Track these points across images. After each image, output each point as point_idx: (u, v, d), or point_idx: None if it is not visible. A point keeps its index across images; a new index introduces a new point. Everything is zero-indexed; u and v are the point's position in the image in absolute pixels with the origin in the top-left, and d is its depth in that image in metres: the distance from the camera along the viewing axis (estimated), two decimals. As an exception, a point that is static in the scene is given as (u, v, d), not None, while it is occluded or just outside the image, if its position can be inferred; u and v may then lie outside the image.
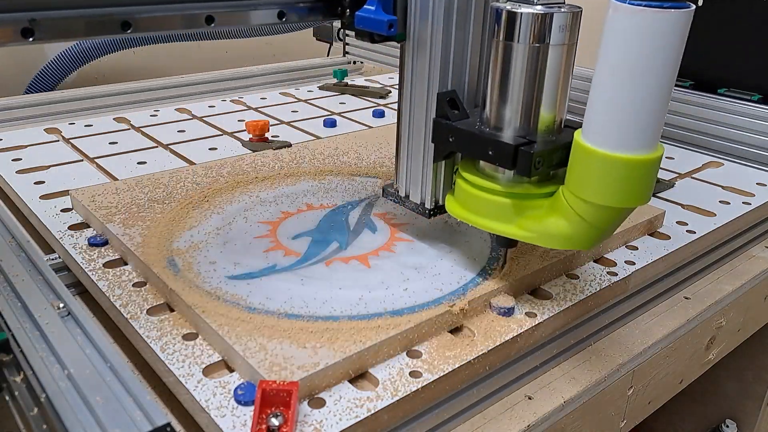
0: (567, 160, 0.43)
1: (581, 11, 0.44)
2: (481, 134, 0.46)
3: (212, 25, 0.50)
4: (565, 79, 0.45)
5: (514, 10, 0.43)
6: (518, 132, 0.45)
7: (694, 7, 0.37)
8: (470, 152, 0.48)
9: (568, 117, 0.47)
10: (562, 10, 0.43)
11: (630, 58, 0.38)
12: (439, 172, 0.53)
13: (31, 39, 0.41)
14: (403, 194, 0.56)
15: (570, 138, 0.43)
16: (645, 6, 0.37)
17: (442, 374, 0.40)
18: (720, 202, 0.69)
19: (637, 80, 0.38)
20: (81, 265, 0.51)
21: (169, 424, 0.33)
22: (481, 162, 0.48)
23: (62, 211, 0.60)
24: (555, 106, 0.45)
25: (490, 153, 0.45)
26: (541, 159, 0.44)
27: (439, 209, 0.54)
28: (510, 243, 0.50)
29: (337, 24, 1.33)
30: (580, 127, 0.42)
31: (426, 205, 0.54)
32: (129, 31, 0.45)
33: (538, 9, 0.42)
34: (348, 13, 0.52)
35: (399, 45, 0.52)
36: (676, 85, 0.91)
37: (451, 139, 0.48)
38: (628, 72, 0.38)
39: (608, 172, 0.40)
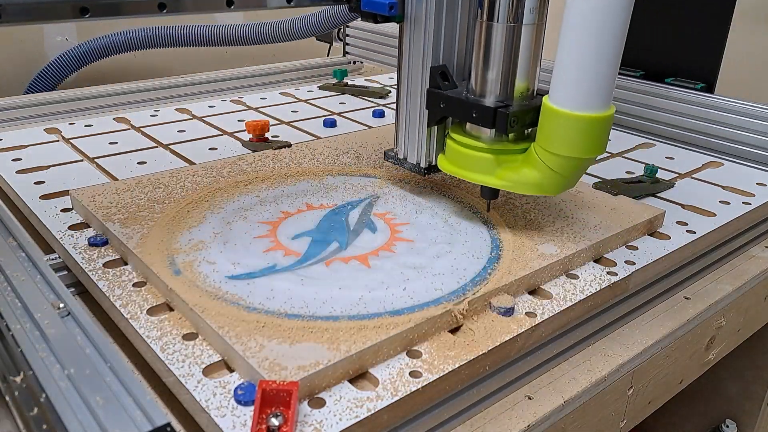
0: (538, 120, 0.51)
1: None
2: (467, 100, 0.56)
3: (232, 7, 0.55)
4: (535, 53, 0.54)
5: None
6: (498, 98, 0.55)
7: None
8: (458, 116, 0.57)
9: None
10: None
11: (585, 29, 0.46)
12: (432, 136, 0.62)
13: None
14: (401, 156, 0.65)
15: (540, 102, 0.51)
16: None
17: (442, 374, 0.40)
18: (720, 202, 0.69)
19: (591, 49, 0.46)
20: (81, 265, 0.51)
21: (169, 424, 0.33)
22: (468, 125, 0.57)
23: (62, 211, 0.60)
24: (527, 76, 0.54)
25: (474, 115, 0.55)
26: (515, 119, 0.53)
27: (432, 168, 0.63)
28: (493, 194, 0.58)
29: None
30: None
31: (421, 165, 0.63)
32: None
33: None
34: (355, -2, 0.60)
35: (398, 33, 0.61)
36: (630, 76, 0.97)
37: (442, 105, 0.58)
38: (584, 42, 0.46)
39: (570, 128, 0.49)
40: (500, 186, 0.55)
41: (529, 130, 0.55)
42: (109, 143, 0.80)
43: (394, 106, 1.01)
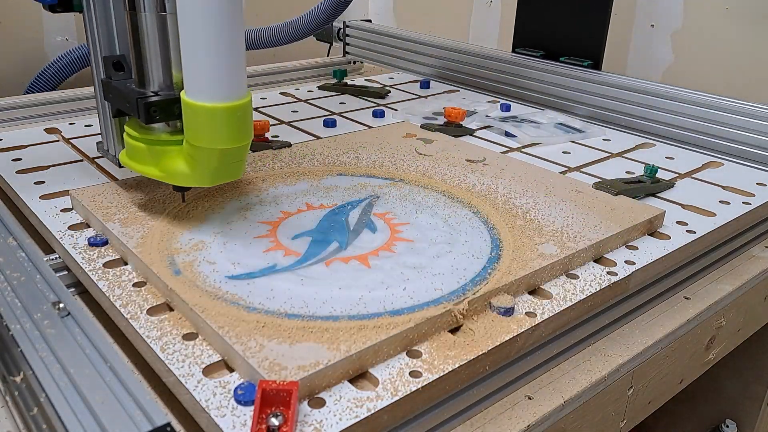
0: None
1: None
2: (123, 90, 0.54)
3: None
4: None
5: None
6: (156, 88, 0.54)
7: None
8: (121, 106, 0.56)
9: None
10: None
11: (191, 20, 0.45)
12: (121, 128, 0.61)
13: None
14: (105, 148, 0.67)
15: None
16: None
17: (442, 374, 0.40)
18: (720, 202, 0.69)
19: (204, 39, 0.45)
20: (81, 265, 0.51)
21: (169, 424, 0.33)
22: None
23: (62, 211, 0.60)
24: (179, 66, 0.51)
25: (128, 105, 0.54)
26: (157, 108, 0.51)
27: None
28: (181, 188, 0.57)
29: (337, 24, 1.33)
30: None
31: (116, 156, 0.64)
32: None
33: None
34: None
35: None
36: (530, 55, 1.08)
37: (110, 96, 0.57)
38: (187, 22, 0.46)
39: (199, 119, 0.48)
40: (159, 177, 0.54)
41: None
42: (109, 143, 0.80)
43: (395, 106, 1.01)
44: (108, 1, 0.58)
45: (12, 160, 0.73)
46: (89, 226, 0.58)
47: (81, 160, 0.74)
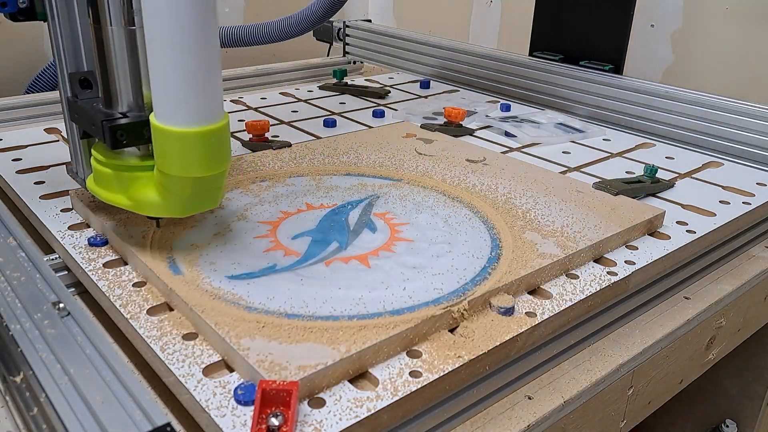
0: None
1: None
2: (89, 110, 0.48)
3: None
4: None
5: None
6: (125, 108, 0.48)
7: None
8: (87, 128, 0.50)
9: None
10: None
11: (153, 20, 0.39)
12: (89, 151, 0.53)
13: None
14: (74, 171, 0.59)
15: None
16: None
17: (442, 374, 0.41)
18: (720, 202, 0.69)
19: (163, 45, 0.39)
20: (81, 265, 0.51)
21: (169, 424, 0.33)
22: None
23: (62, 211, 0.60)
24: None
25: (93, 127, 0.48)
26: (124, 133, 0.46)
27: None
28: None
29: (337, 24, 1.33)
30: None
31: (86, 183, 0.54)
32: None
33: None
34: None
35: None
36: (548, 59, 1.06)
37: (76, 116, 0.51)
38: (154, 37, 0.39)
39: (168, 144, 0.42)
40: (127, 207, 0.49)
41: None
42: (109, 143, 0.80)
43: (395, 106, 1.01)
44: (73, 11, 0.51)
45: (12, 160, 0.73)
46: (89, 226, 0.58)
47: (81, 160, 0.74)
